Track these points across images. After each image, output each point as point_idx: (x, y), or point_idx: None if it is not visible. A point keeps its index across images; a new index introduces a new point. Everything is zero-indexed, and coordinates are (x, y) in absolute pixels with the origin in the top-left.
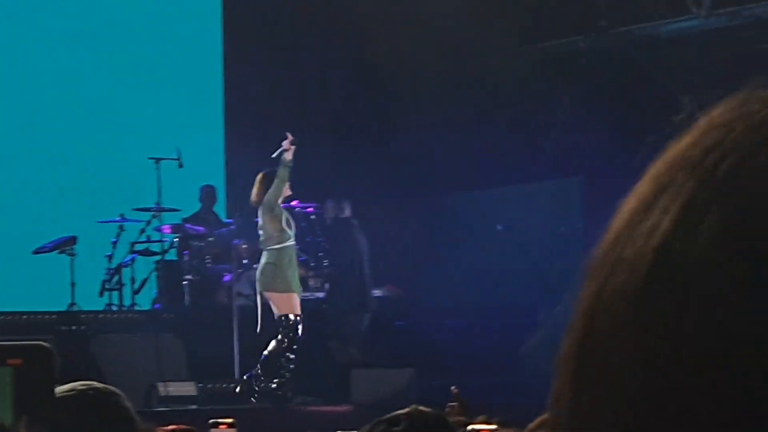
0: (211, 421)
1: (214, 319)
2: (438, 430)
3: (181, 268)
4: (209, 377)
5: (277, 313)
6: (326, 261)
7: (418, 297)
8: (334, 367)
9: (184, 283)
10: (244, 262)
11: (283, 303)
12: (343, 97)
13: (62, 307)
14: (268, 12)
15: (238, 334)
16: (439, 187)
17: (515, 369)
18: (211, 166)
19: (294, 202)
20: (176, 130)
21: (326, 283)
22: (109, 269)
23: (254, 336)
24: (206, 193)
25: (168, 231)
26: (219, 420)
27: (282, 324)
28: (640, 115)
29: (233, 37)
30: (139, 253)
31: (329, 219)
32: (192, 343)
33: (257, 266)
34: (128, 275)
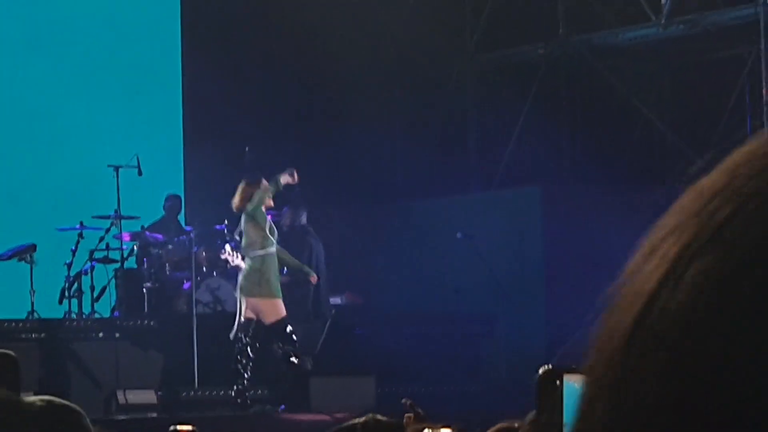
0: (171, 428)
1: (174, 327)
2: None
3: (141, 275)
4: (169, 385)
5: (266, 322)
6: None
7: (377, 304)
8: (292, 375)
9: (144, 290)
10: (204, 269)
11: (269, 309)
12: (301, 104)
13: (21, 315)
14: (226, 20)
15: (198, 341)
16: (399, 195)
17: (474, 377)
18: (171, 174)
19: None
20: (135, 138)
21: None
22: (69, 277)
23: (214, 343)
24: (171, 203)
25: (127, 239)
26: (179, 427)
27: (272, 329)
28: (598, 123)
29: (191, 45)
30: (99, 260)
31: (285, 226)
32: (151, 351)
33: (239, 273)
34: (87, 283)
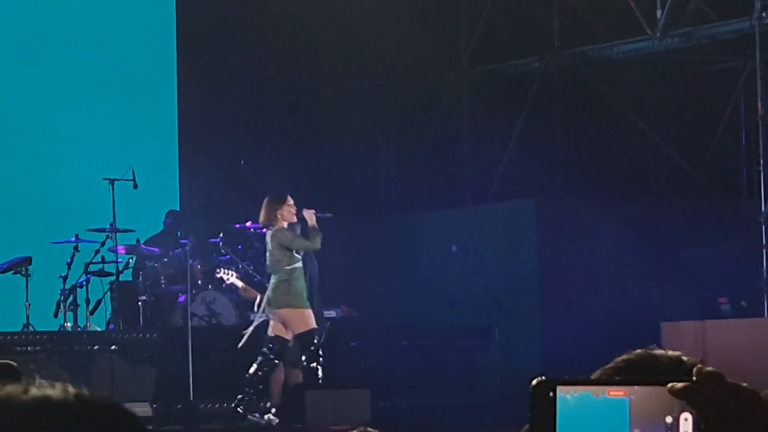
0: None
1: (169, 340)
2: None
3: (136, 288)
4: (164, 398)
5: (294, 332)
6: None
7: (372, 318)
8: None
9: (139, 303)
10: (199, 283)
11: (298, 319)
12: (295, 118)
13: (17, 328)
14: (222, 35)
15: (193, 354)
16: (393, 209)
17: (469, 390)
18: (166, 188)
19: (248, 223)
20: (131, 151)
21: None
22: (64, 290)
23: (209, 356)
24: (174, 219)
25: (123, 252)
26: None
27: (299, 340)
28: (593, 136)
29: (187, 59)
30: (94, 273)
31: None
32: (147, 364)
33: (267, 288)
34: (83, 296)
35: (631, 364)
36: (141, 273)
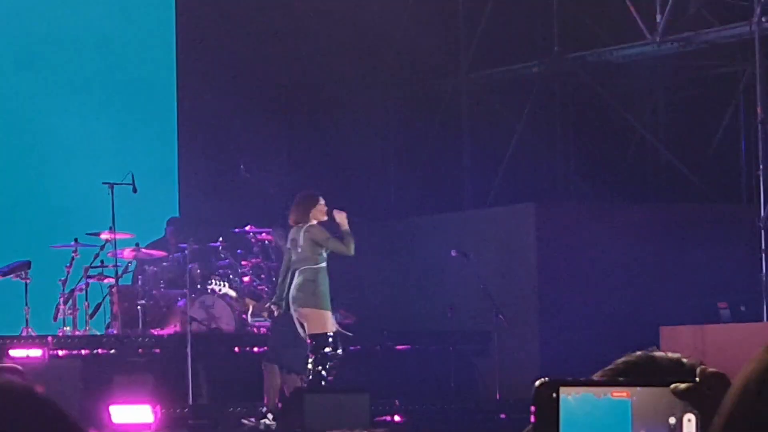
0: None
1: (168, 344)
2: None
3: (135, 292)
4: (163, 401)
5: (308, 331)
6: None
7: (370, 322)
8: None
9: (138, 307)
10: (198, 287)
11: (316, 319)
12: (295, 122)
13: (16, 332)
14: (222, 38)
15: (192, 358)
16: (392, 212)
17: (468, 394)
18: (165, 191)
19: (247, 227)
20: (130, 155)
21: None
22: (63, 294)
23: (208, 361)
24: (176, 226)
25: (122, 256)
26: None
27: (315, 342)
28: (592, 141)
29: (187, 62)
30: (93, 277)
31: (273, 246)
32: (146, 368)
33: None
34: (82, 300)
35: (630, 366)
36: (140, 277)
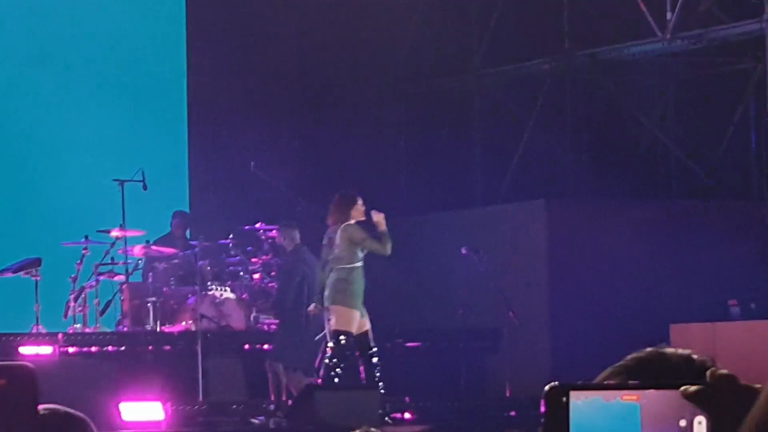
0: None
1: (178, 341)
2: None
3: (146, 289)
4: (174, 399)
5: (333, 327)
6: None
7: (381, 319)
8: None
9: (149, 305)
10: (208, 284)
11: (342, 316)
12: (305, 119)
13: (26, 329)
14: (232, 35)
15: (202, 355)
16: (403, 209)
17: (479, 392)
18: (176, 188)
19: (258, 224)
20: (140, 152)
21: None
22: (74, 291)
23: (218, 358)
24: (180, 219)
25: (132, 253)
26: None
27: (335, 338)
28: (603, 138)
29: (197, 59)
30: (104, 274)
31: (279, 244)
32: (156, 365)
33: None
34: (92, 297)
35: (640, 362)
36: (150, 274)
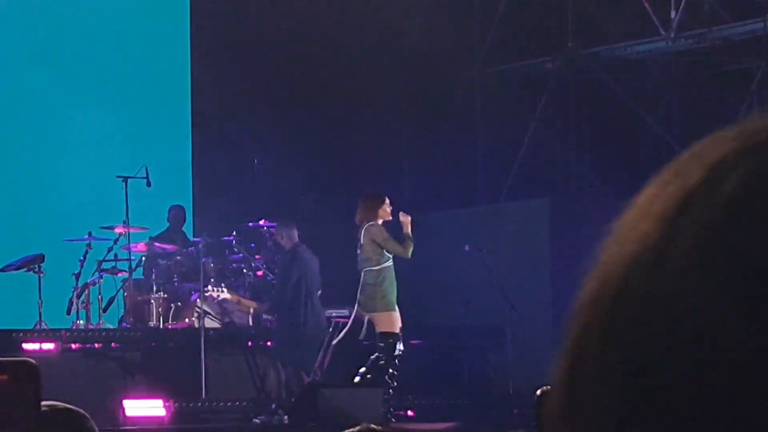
0: None
1: (181, 338)
2: None
3: (149, 286)
4: (176, 396)
5: (378, 331)
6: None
7: None
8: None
9: (152, 301)
10: (212, 281)
11: (384, 320)
12: (309, 117)
13: (29, 325)
14: (235, 32)
15: (205, 352)
16: (407, 207)
17: (482, 389)
18: (179, 185)
19: (261, 221)
20: (144, 149)
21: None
22: (77, 287)
23: (221, 354)
24: (175, 214)
25: (136, 249)
26: None
27: (381, 340)
28: (606, 136)
29: (201, 56)
30: (107, 271)
31: (277, 242)
32: (159, 362)
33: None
34: (95, 293)
35: None
36: (153, 271)
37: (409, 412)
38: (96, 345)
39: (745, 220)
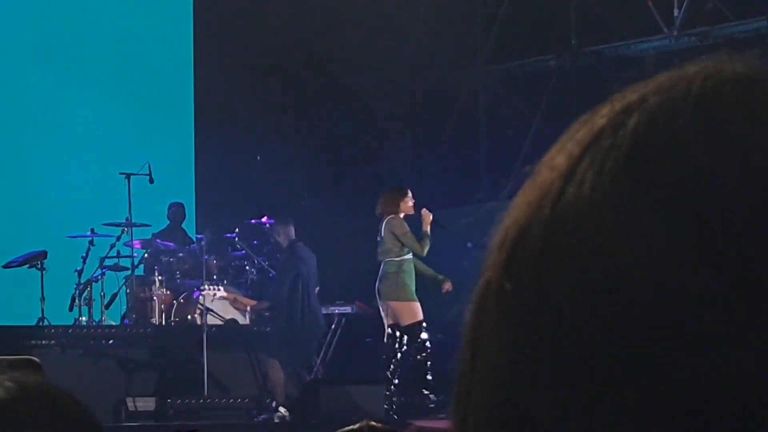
0: None
1: (184, 335)
2: None
3: (151, 283)
4: (178, 393)
5: (402, 324)
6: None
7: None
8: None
9: (154, 298)
10: (214, 278)
11: (406, 311)
12: (312, 114)
13: (32, 322)
14: (239, 28)
15: (207, 349)
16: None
17: None
18: (182, 182)
19: (264, 218)
20: (147, 146)
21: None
22: (79, 284)
23: (223, 351)
24: (174, 211)
25: (138, 246)
26: None
27: (407, 333)
28: None
29: (204, 53)
30: (109, 268)
31: (273, 240)
32: (161, 359)
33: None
34: (98, 290)
35: None
36: (156, 267)
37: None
38: (98, 342)
39: (649, 151)
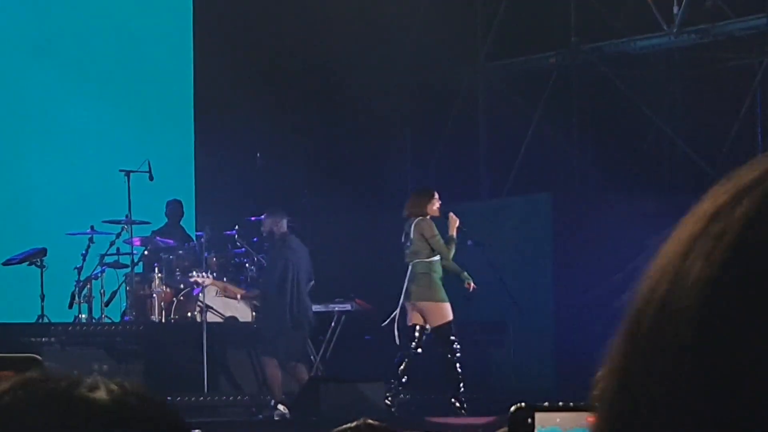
0: None
1: (184, 332)
2: None
3: (151, 280)
4: (178, 390)
5: (431, 325)
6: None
7: (387, 311)
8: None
9: (154, 295)
10: (214, 275)
11: (437, 312)
12: (311, 112)
13: (31, 319)
14: (239, 26)
15: (207, 347)
16: None
17: (483, 384)
18: (182, 179)
19: (263, 216)
20: (147, 143)
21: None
22: (79, 281)
23: (223, 349)
24: (172, 208)
25: (138, 243)
26: None
27: (437, 333)
28: (609, 132)
29: (204, 50)
30: (109, 265)
31: (264, 233)
32: (161, 356)
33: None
34: (98, 287)
35: None
36: (156, 265)
37: (410, 407)
38: (98, 339)
39: (753, 238)
